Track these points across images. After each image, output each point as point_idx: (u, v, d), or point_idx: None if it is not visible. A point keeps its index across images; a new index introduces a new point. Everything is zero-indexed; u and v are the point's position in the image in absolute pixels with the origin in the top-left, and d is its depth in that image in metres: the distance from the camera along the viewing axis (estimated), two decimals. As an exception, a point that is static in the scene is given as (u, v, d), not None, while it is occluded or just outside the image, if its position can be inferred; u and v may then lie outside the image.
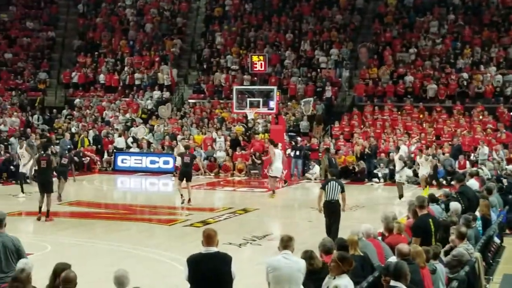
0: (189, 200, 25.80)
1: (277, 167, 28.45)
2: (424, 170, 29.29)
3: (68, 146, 34.73)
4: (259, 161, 35.92)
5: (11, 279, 9.18)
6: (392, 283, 9.22)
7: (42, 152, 23.86)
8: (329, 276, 9.52)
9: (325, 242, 11.12)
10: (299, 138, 37.27)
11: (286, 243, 9.83)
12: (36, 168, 24.30)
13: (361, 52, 44.10)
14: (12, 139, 35.63)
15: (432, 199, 16.47)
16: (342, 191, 18.07)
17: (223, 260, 9.48)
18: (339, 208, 18.10)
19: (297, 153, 35.27)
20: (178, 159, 28.58)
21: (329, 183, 18.04)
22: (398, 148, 29.62)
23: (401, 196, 26.89)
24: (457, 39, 43.28)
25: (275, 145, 29.19)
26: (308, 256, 10.27)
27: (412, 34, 44.59)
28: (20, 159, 30.28)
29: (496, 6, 45.16)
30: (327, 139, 36.68)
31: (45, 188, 22.47)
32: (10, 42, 50.23)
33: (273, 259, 9.83)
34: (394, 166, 34.00)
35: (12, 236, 10.63)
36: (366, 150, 35.35)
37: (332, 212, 17.98)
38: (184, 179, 25.87)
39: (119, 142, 38.85)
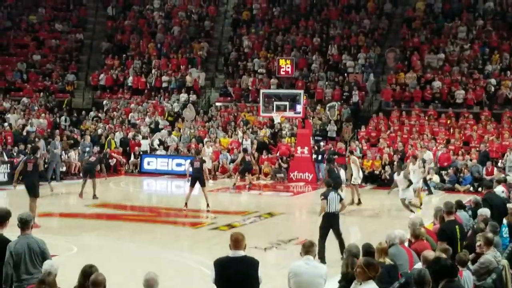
0: (207, 205, 25.32)
1: None
2: (415, 178, 26.66)
3: (88, 148, 34.57)
4: (285, 165, 35.92)
5: (38, 281, 9.23)
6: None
7: (30, 155, 23.28)
8: (355, 282, 9.47)
9: (351, 247, 11.08)
10: (321, 143, 37.20)
11: (308, 248, 9.84)
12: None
13: (389, 57, 43.96)
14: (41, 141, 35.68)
15: (460, 205, 16.36)
16: (341, 200, 17.73)
17: (250, 264, 9.49)
18: (339, 221, 17.59)
19: (319, 157, 35.19)
20: (187, 164, 27.65)
21: (330, 194, 17.43)
22: (415, 158, 27.91)
23: (411, 211, 24.88)
24: (486, 45, 43.04)
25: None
26: (350, 263, 10.23)
27: (440, 40, 44.38)
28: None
29: (525, 11, 44.93)
30: (353, 144, 36.58)
31: (30, 192, 21.81)
32: (38, 44, 50.60)
33: (295, 264, 9.84)
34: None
35: (37, 238, 10.67)
36: (394, 159, 34.96)
37: (333, 224, 17.38)
38: (196, 183, 25.26)
39: (145, 144, 39.02)
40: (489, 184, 18.70)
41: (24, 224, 10.61)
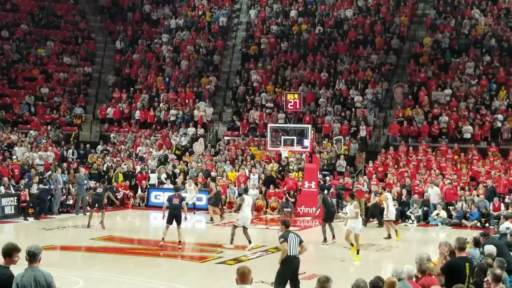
0: (179, 242, 24.51)
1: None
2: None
3: (85, 181, 34.58)
4: (292, 199, 35.88)
5: None
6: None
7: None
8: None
9: (358, 282, 10.99)
10: (327, 178, 37.20)
11: (323, 284, 9.73)
12: None
13: (396, 92, 44.08)
14: (48, 173, 35.66)
15: (476, 242, 16.26)
16: (301, 242, 15.90)
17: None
18: (299, 265, 16.00)
19: (326, 192, 35.14)
20: (165, 200, 26.99)
21: (290, 236, 15.75)
22: (351, 196, 25.49)
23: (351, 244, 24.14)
24: (493, 81, 43.12)
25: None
26: None
27: (447, 75, 44.51)
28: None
29: (531, 48, 45.08)
30: (361, 179, 36.54)
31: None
32: (47, 77, 50.81)
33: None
34: (428, 206, 34.02)
35: (45, 271, 10.62)
36: (403, 197, 34.98)
37: (295, 269, 15.85)
38: (174, 221, 24.62)
39: (153, 178, 39.00)
40: (486, 233, 17.65)
41: (32, 257, 10.57)
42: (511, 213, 24.16)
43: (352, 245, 23.75)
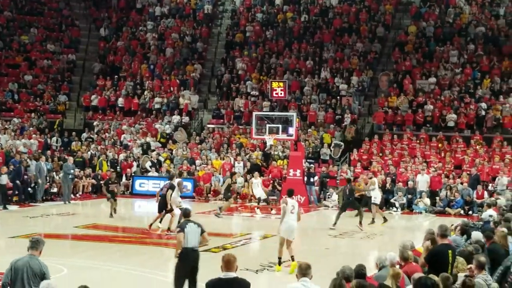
0: (168, 229, 24.86)
1: None
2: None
3: (72, 171, 34.44)
4: (279, 187, 35.84)
5: None
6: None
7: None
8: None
9: (344, 269, 11.01)
10: (311, 165, 37.27)
11: (305, 270, 9.75)
12: None
13: (382, 80, 44.13)
14: (32, 162, 35.38)
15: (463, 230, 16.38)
16: (202, 232, 14.54)
17: (242, 286, 9.48)
18: (199, 258, 14.55)
19: (311, 179, 35.25)
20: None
21: (187, 226, 14.44)
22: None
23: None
24: (477, 69, 43.24)
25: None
26: (338, 284, 10.16)
27: (432, 63, 44.60)
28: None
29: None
30: (344, 167, 36.63)
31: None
32: (30, 64, 50.49)
33: (292, 286, 9.76)
34: (412, 194, 34.15)
35: (42, 262, 10.61)
36: (387, 185, 35.10)
37: (193, 262, 14.36)
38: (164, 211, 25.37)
39: (135, 166, 39.00)
40: (490, 235, 17.30)
41: (34, 244, 10.64)
42: (494, 200, 24.31)
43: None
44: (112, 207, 28.94)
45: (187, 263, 14.09)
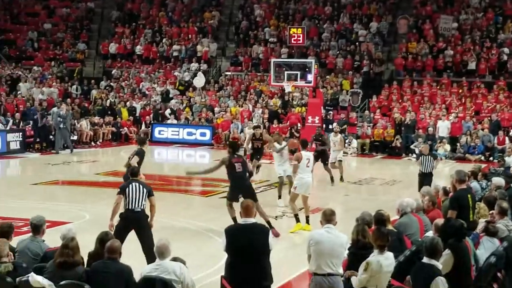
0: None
1: None
2: (336, 153, 25.54)
3: (60, 119, 32.33)
4: (297, 134, 35.76)
5: (62, 246, 9.33)
6: (426, 260, 9.18)
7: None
8: (375, 251, 9.43)
9: (364, 215, 11.03)
10: (330, 112, 37.15)
11: (329, 217, 9.74)
12: None
13: (400, 24, 43.59)
14: (54, 109, 35.19)
15: (474, 175, 16.30)
16: (150, 195, 12.98)
17: (261, 232, 9.49)
18: (146, 222, 12.97)
19: (330, 126, 35.16)
20: None
21: (130, 186, 12.96)
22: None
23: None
24: (499, 13, 42.71)
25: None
26: (361, 229, 10.18)
27: (453, 8, 44.08)
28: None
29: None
30: (353, 114, 36.68)
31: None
32: (49, 12, 50.50)
33: (316, 232, 9.77)
34: (432, 140, 33.78)
35: (43, 244, 10.57)
36: (406, 121, 34.90)
37: (136, 226, 12.87)
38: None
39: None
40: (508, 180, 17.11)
41: (34, 228, 10.62)
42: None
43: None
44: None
45: (126, 224, 12.84)
